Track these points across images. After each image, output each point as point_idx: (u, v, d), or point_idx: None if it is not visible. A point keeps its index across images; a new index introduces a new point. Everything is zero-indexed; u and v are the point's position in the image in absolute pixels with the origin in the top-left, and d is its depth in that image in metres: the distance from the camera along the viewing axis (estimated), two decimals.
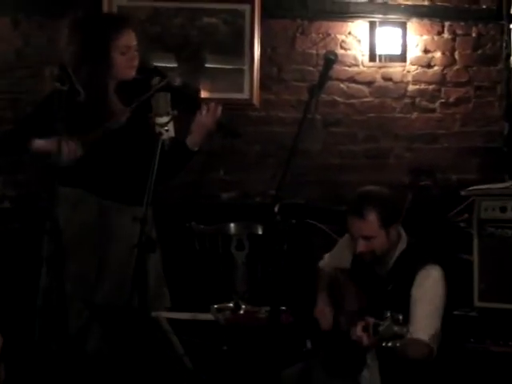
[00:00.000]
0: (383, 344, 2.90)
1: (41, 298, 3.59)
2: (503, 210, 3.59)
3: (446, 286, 3.26)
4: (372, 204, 3.23)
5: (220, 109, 3.68)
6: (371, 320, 2.97)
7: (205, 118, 3.65)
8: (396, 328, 2.85)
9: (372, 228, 3.23)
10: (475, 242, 3.63)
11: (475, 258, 3.62)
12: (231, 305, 4.31)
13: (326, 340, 3.43)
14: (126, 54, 3.63)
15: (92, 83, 3.56)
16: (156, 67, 3.78)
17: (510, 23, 5.53)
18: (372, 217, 3.22)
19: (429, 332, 3.16)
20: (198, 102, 3.70)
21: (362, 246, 3.26)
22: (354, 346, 3.20)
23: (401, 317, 2.86)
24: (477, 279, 3.61)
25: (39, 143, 3.56)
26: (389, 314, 2.87)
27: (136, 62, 3.67)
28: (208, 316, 4.10)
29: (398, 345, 2.87)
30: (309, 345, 3.95)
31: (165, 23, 5.41)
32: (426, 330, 3.16)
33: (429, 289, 3.21)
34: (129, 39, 3.64)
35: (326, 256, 3.71)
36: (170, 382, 2.86)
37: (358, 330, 3.00)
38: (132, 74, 3.67)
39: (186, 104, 3.42)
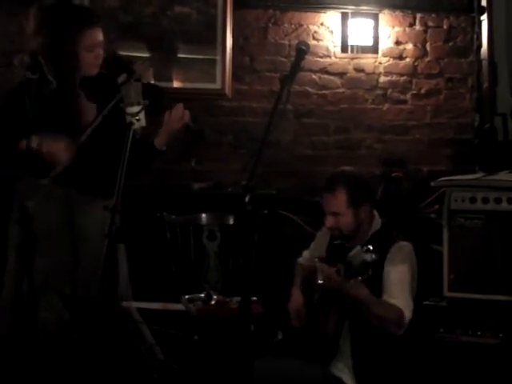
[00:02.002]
0: (354, 278, 2.96)
1: (8, 289, 3.57)
2: (473, 200, 3.61)
3: (416, 261, 3.39)
4: (343, 182, 3.39)
5: (183, 110, 3.66)
6: (341, 265, 3.09)
7: (172, 123, 3.65)
8: (365, 255, 2.96)
9: (340, 204, 3.37)
10: (445, 232, 3.65)
11: (445, 248, 3.64)
12: (203, 295, 4.30)
13: (297, 330, 3.45)
14: (92, 51, 3.61)
15: (59, 77, 3.53)
16: (123, 62, 3.74)
17: (480, 15, 5.56)
18: (341, 193, 3.37)
19: (402, 299, 3.26)
20: (164, 105, 3.68)
21: (329, 221, 3.41)
22: (323, 330, 3.24)
23: (370, 247, 2.94)
24: (447, 269, 3.63)
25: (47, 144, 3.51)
26: (358, 247, 2.98)
27: (101, 59, 3.65)
28: (179, 306, 4.10)
29: (370, 273, 2.97)
30: (280, 335, 3.96)
31: (137, 12, 5.38)
32: (399, 297, 3.26)
33: (401, 261, 3.33)
34: (96, 37, 3.61)
35: (305, 252, 3.75)
36: (140, 372, 2.85)
37: (326, 270, 3.12)
38: (96, 71, 3.66)
39: (153, 106, 3.40)
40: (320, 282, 3.16)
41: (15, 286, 3.53)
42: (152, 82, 3.79)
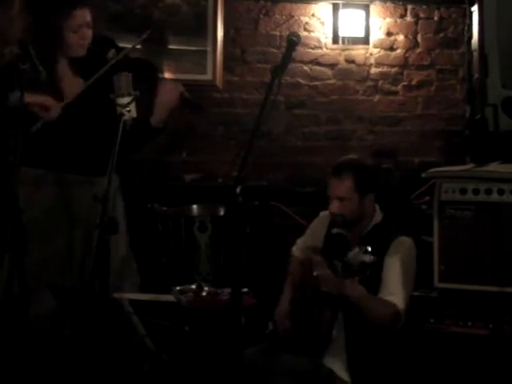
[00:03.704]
0: (351, 278, 2.97)
1: (2, 282, 3.56)
2: (463, 192, 3.61)
3: (416, 256, 3.44)
4: (350, 167, 3.44)
5: (179, 85, 3.65)
6: (338, 263, 3.11)
7: (166, 94, 3.62)
8: (364, 256, 2.96)
9: (346, 189, 3.40)
10: (435, 223, 3.65)
11: (435, 239, 3.64)
12: (194, 286, 4.31)
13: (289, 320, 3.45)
14: (77, 32, 3.59)
15: (43, 61, 3.51)
16: (110, 38, 3.73)
17: (471, 6, 5.55)
18: (348, 178, 3.40)
19: (399, 296, 3.29)
20: (155, 79, 3.66)
21: (335, 206, 3.43)
22: (317, 323, 3.25)
23: (369, 248, 2.94)
24: (437, 260, 3.63)
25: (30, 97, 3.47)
26: (357, 248, 2.97)
27: (88, 40, 3.63)
28: (170, 297, 4.10)
29: (368, 273, 2.99)
30: (271, 326, 3.97)
31: (127, 3, 5.36)
32: (397, 294, 3.29)
33: (401, 256, 3.36)
34: (82, 17, 3.59)
35: (299, 240, 3.76)
36: (131, 362, 2.85)
37: (324, 274, 3.15)
38: (83, 52, 3.64)
39: (145, 81, 3.39)
40: (320, 285, 3.15)
41: (6, 282, 3.53)
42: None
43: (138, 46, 5.19)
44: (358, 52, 5.64)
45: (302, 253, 3.64)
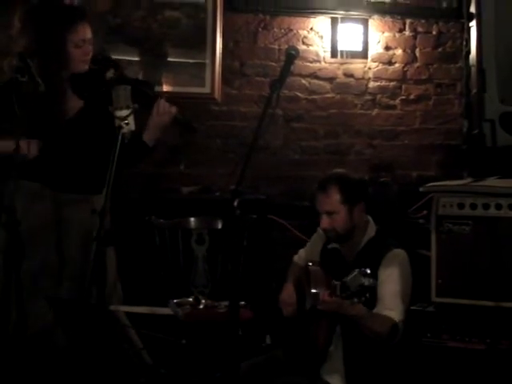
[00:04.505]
0: (350, 300, 2.96)
1: None
2: (461, 206, 3.62)
3: (410, 269, 3.40)
4: (334, 180, 3.41)
5: (168, 105, 3.65)
6: (337, 283, 3.06)
7: (159, 115, 3.63)
8: (363, 279, 2.93)
9: (333, 202, 3.38)
10: (433, 237, 3.65)
11: (433, 253, 3.64)
12: (191, 299, 4.30)
13: (286, 333, 3.44)
14: (81, 47, 3.60)
15: (46, 76, 3.52)
16: (110, 58, 3.74)
17: (470, 21, 5.58)
18: (333, 191, 3.38)
19: (396, 310, 3.26)
20: (152, 98, 3.67)
21: (324, 221, 3.41)
22: (314, 337, 3.24)
23: (368, 271, 2.94)
24: (434, 275, 3.63)
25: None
26: (356, 270, 2.95)
27: (90, 56, 3.65)
28: (167, 310, 4.09)
29: (367, 296, 2.96)
30: (268, 340, 3.96)
31: (126, 15, 5.37)
32: (394, 308, 3.26)
33: (395, 269, 3.34)
34: (84, 32, 3.60)
35: (301, 251, 3.77)
36: (128, 376, 2.85)
37: (323, 295, 3.10)
38: (85, 67, 3.65)
39: (141, 99, 3.39)
40: (317, 305, 3.14)
41: (1, 292, 3.52)
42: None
43: (137, 59, 5.24)
44: (357, 66, 5.65)
45: (303, 262, 3.64)
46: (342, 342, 3.34)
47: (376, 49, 5.65)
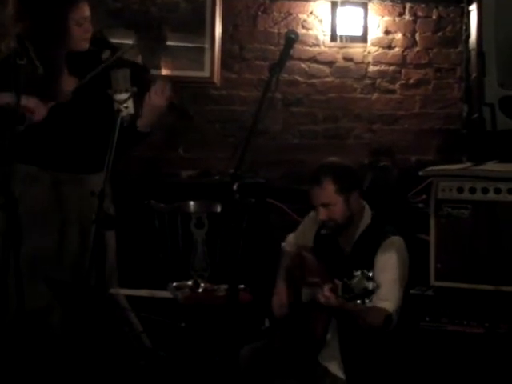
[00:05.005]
0: (353, 301, 2.96)
1: None
2: (460, 190, 3.62)
3: (407, 256, 3.35)
4: (327, 171, 3.34)
5: (169, 88, 3.61)
6: (339, 282, 3.03)
7: (154, 100, 3.59)
8: (367, 283, 2.91)
9: (328, 194, 3.32)
10: (432, 221, 3.66)
11: (432, 237, 3.65)
12: (190, 283, 4.31)
13: (283, 324, 3.45)
14: (82, 25, 3.58)
15: (45, 57, 3.51)
16: (107, 39, 3.72)
17: (469, 5, 5.56)
18: (327, 183, 3.32)
19: (391, 300, 3.23)
20: (147, 82, 3.64)
21: (322, 213, 3.35)
22: (311, 326, 3.24)
23: (371, 274, 2.93)
24: (433, 259, 3.64)
25: (5, 97, 3.46)
26: (359, 272, 2.94)
27: (90, 34, 3.63)
28: (166, 293, 4.10)
29: (367, 301, 2.93)
30: (267, 323, 3.97)
31: None
32: (389, 298, 3.23)
33: (392, 257, 3.29)
34: (85, 10, 3.58)
35: (290, 236, 3.71)
36: (127, 359, 2.85)
37: (326, 291, 3.06)
38: (86, 45, 3.62)
39: (137, 84, 3.37)
40: (317, 299, 3.13)
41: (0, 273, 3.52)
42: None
43: (135, 43, 5.22)
44: (356, 50, 5.64)
45: (293, 249, 3.61)
46: (337, 331, 3.33)
47: (376, 33, 5.64)
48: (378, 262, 3.28)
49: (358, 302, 2.95)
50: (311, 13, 5.58)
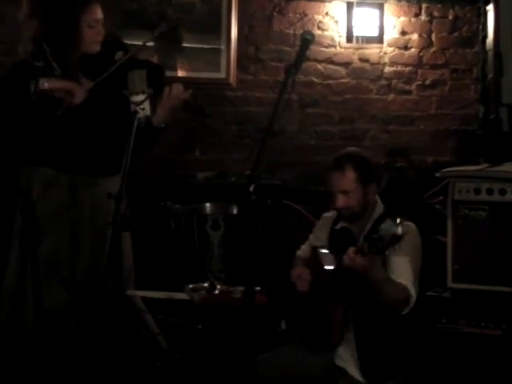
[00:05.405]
0: (383, 250, 3.02)
1: (11, 276, 3.57)
2: (477, 191, 3.60)
3: (420, 241, 3.40)
4: (350, 160, 3.41)
5: (182, 90, 3.63)
6: (364, 243, 3.10)
7: (169, 101, 3.61)
8: (397, 229, 2.96)
9: (350, 182, 3.38)
10: (449, 223, 3.64)
11: (449, 239, 3.64)
12: (206, 284, 4.31)
13: (302, 313, 3.44)
14: (94, 27, 3.59)
15: (60, 59, 3.52)
16: (120, 40, 3.73)
17: (486, 5, 5.54)
18: (350, 171, 3.38)
19: (408, 278, 3.26)
20: (162, 82, 3.65)
21: (340, 200, 3.40)
22: (332, 321, 3.25)
23: (398, 220, 2.97)
24: (450, 260, 3.62)
25: (51, 82, 3.47)
26: (387, 220, 3.01)
27: (102, 36, 3.64)
28: (183, 295, 4.10)
29: (398, 246, 3.01)
30: (283, 325, 3.97)
31: (141, 0, 5.36)
32: (405, 277, 3.25)
33: (406, 241, 3.28)
34: (97, 12, 3.59)
35: (303, 246, 3.74)
36: (144, 360, 2.86)
37: (351, 252, 3.10)
38: (97, 48, 3.63)
39: (151, 83, 3.37)
40: (345, 262, 3.14)
41: (18, 275, 3.54)
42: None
43: (152, 44, 5.23)
44: (372, 51, 5.63)
45: (306, 255, 3.63)
46: (353, 327, 3.34)
47: (392, 33, 5.63)
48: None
49: (388, 251, 3.03)
50: (327, 13, 5.58)
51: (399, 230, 2.96)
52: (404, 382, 3.30)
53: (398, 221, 2.97)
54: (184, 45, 5.43)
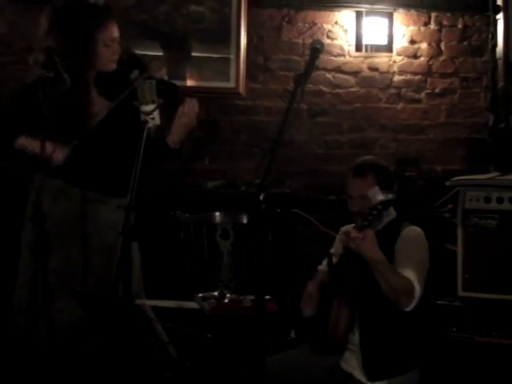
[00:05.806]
0: (376, 219, 3.19)
1: (21, 288, 3.57)
2: (487, 200, 3.61)
3: (427, 244, 3.41)
4: (371, 167, 3.49)
5: (196, 105, 3.64)
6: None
7: (184, 119, 3.62)
8: (382, 195, 3.15)
9: (369, 187, 3.39)
10: (459, 231, 3.64)
11: (459, 247, 3.64)
12: (216, 293, 4.31)
13: (310, 322, 3.45)
14: (110, 46, 3.60)
15: (75, 75, 3.54)
16: (137, 58, 3.74)
17: (496, 14, 5.54)
18: (370, 177, 3.44)
19: (413, 273, 3.26)
20: (177, 101, 3.65)
21: (356, 204, 3.44)
22: (337, 324, 3.26)
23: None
24: (461, 269, 3.62)
25: (24, 141, 3.54)
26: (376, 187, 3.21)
27: (118, 55, 3.65)
28: (193, 304, 4.11)
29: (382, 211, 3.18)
30: (293, 334, 3.96)
31: (151, 11, 5.38)
32: (410, 271, 3.26)
33: (412, 243, 3.38)
34: (113, 31, 3.60)
35: (324, 261, 3.74)
36: (154, 369, 2.86)
37: (352, 233, 3.20)
38: (113, 66, 3.65)
39: (166, 102, 3.38)
40: (350, 244, 3.23)
41: (29, 286, 3.53)
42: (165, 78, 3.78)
43: (161, 54, 5.25)
44: (381, 60, 5.63)
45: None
46: (359, 328, 3.35)
47: (401, 42, 5.63)
48: (397, 247, 3.35)
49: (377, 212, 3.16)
50: (336, 23, 5.58)
51: (385, 196, 3.11)
52: None
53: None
54: (193, 54, 5.45)
